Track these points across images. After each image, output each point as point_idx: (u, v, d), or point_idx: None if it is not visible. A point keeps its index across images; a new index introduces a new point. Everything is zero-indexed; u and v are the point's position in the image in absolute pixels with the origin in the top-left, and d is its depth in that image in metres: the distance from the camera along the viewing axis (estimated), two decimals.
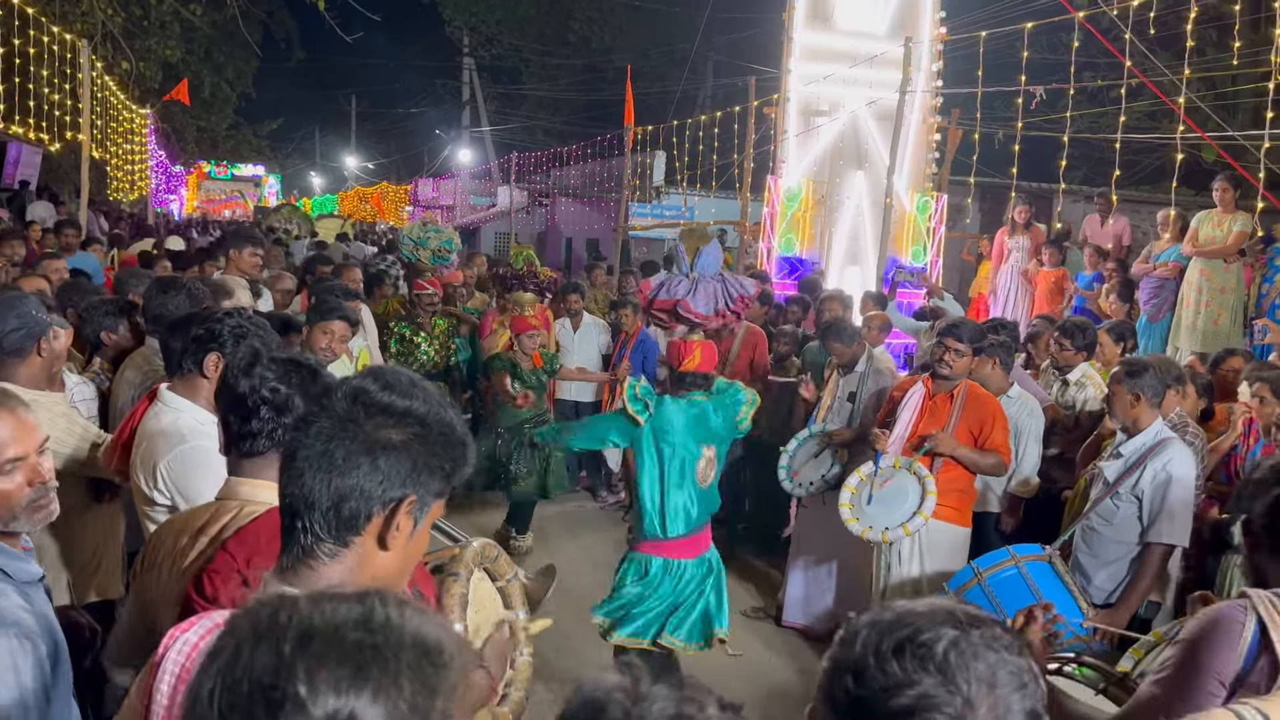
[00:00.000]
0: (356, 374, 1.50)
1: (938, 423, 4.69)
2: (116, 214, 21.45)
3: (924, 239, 9.94)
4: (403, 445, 1.42)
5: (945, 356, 4.69)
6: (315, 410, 1.44)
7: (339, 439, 1.39)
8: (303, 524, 1.41)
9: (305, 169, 50.79)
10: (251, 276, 6.00)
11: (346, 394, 1.43)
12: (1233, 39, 8.16)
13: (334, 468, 1.38)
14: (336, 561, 1.41)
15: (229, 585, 1.85)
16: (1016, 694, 1.11)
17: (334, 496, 1.39)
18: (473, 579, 2.22)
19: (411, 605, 1.02)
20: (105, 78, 14.18)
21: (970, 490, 4.76)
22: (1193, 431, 4.59)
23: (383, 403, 1.42)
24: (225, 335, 2.75)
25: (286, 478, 1.42)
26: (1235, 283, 7.82)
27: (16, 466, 1.89)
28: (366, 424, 1.40)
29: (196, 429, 2.69)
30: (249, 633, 0.96)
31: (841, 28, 9.70)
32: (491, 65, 36.08)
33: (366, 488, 1.39)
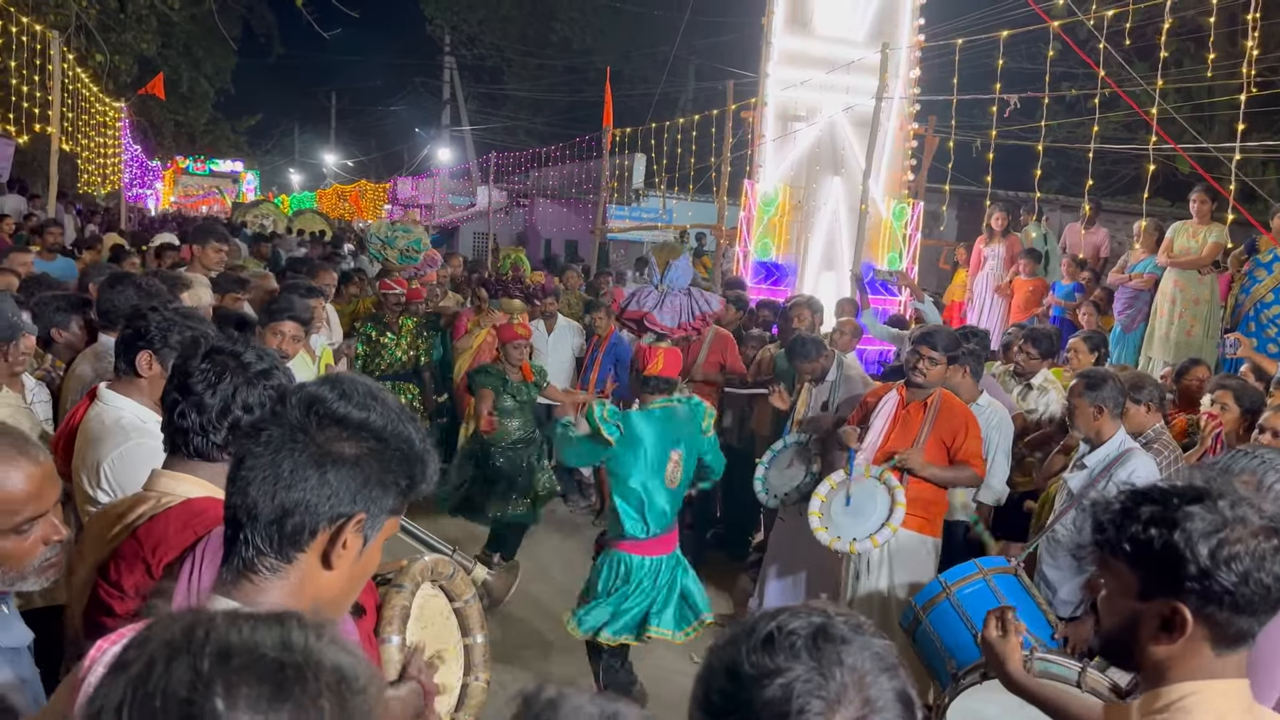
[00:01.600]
0: (314, 380, 1.43)
1: (910, 432, 4.66)
2: (91, 208, 21.20)
3: (900, 245, 9.94)
4: (355, 459, 1.35)
5: (919, 364, 4.66)
6: (266, 418, 1.37)
7: (287, 450, 1.33)
8: (244, 536, 1.35)
9: (284, 166, 50.48)
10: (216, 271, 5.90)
11: (301, 402, 1.36)
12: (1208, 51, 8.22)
13: (279, 480, 1.32)
14: (278, 577, 1.36)
15: (134, 573, 1.83)
16: (885, 675, 1.11)
17: (277, 510, 1.33)
18: (421, 594, 2.16)
19: (328, 632, 0.98)
20: (77, 70, 13.99)
21: (940, 500, 4.73)
22: (1164, 443, 4.57)
23: (338, 413, 1.36)
24: (152, 332, 2.70)
25: (232, 487, 1.36)
26: (1209, 294, 7.85)
27: (35, 525, 1.72)
28: (319, 435, 1.34)
29: (139, 426, 2.64)
30: (163, 646, 0.92)
31: (820, 33, 9.69)
32: (473, 65, 35.97)
33: (312, 502, 1.33)
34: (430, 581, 2.27)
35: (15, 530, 1.68)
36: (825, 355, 5.79)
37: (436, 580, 2.30)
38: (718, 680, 1.14)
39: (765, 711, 1.08)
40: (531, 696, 1.06)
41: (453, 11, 33.69)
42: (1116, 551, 1.57)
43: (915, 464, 4.54)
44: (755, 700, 1.09)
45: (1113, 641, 1.64)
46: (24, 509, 1.69)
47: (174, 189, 40.84)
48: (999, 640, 2.28)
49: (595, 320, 7.77)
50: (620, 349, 7.72)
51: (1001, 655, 2.26)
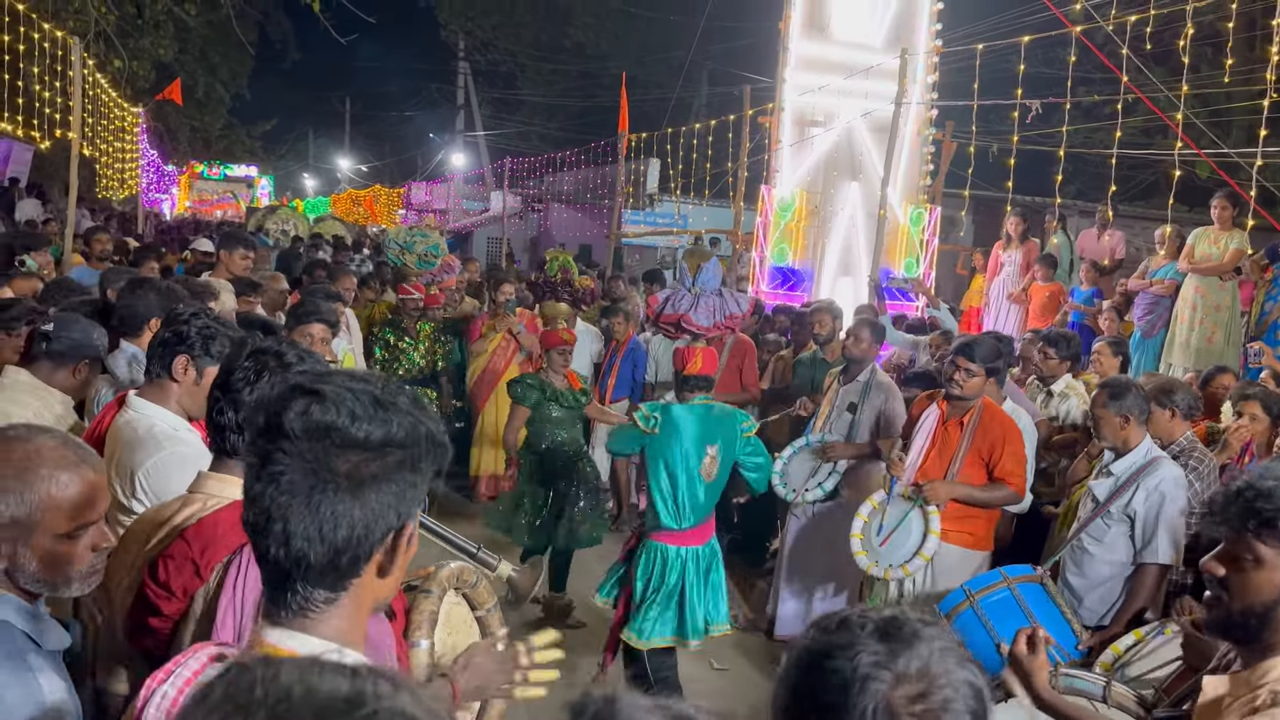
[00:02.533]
0: (309, 399, 1.28)
1: (948, 451, 4.57)
2: (108, 212, 21.34)
3: (917, 251, 9.92)
4: (388, 476, 1.29)
5: (956, 376, 4.53)
6: (276, 455, 1.24)
7: (319, 492, 1.24)
8: (296, 586, 1.28)
9: (298, 171, 50.65)
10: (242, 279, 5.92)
11: (311, 432, 1.24)
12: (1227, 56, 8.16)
13: (323, 525, 1.24)
14: (337, 606, 1.31)
15: (182, 574, 1.84)
16: (954, 662, 1.18)
17: (329, 553, 1.26)
18: (446, 601, 2.17)
19: (403, 684, 0.93)
20: (97, 76, 14.09)
21: (988, 515, 4.60)
22: (1199, 455, 4.51)
23: (356, 438, 1.25)
24: (193, 337, 2.68)
25: (265, 538, 1.26)
26: (1230, 300, 7.80)
27: (86, 531, 1.74)
28: (343, 464, 1.25)
29: (171, 435, 2.64)
30: (228, 706, 0.88)
31: (838, 38, 9.68)
32: (487, 70, 36.06)
33: (361, 534, 1.27)
34: (454, 589, 2.28)
35: (69, 535, 1.70)
36: (875, 347, 5.74)
37: (460, 588, 2.31)
38: (795, 671, 1.21)
39: (832, 679, 1.16)
40: (580, 705, 0.99)
41: (467, 17, 33.80)
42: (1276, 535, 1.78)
43: (937, 497, 4.41)
44: (824, 673, 1.17)
45: (1252, 614, 1.80)
46: (80, 515, 1.71)
47: (189, 194, 41.03)
48: (1026, 657, 2.28)
49: (613, 325, 7.76)
50: (638, 353, 7.71)
51: (1029, 671, 2.27)
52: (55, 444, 1.71)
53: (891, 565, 4.35)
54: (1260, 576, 1.79)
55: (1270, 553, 1.79)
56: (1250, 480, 1.86)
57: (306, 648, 1.25)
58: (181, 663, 1.32)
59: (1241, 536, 1.81)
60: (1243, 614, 1.81)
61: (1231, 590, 1.82)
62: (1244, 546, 1.81)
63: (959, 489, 4.47)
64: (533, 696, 2.11)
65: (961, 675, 1.16)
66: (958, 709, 1.15)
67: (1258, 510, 1.79)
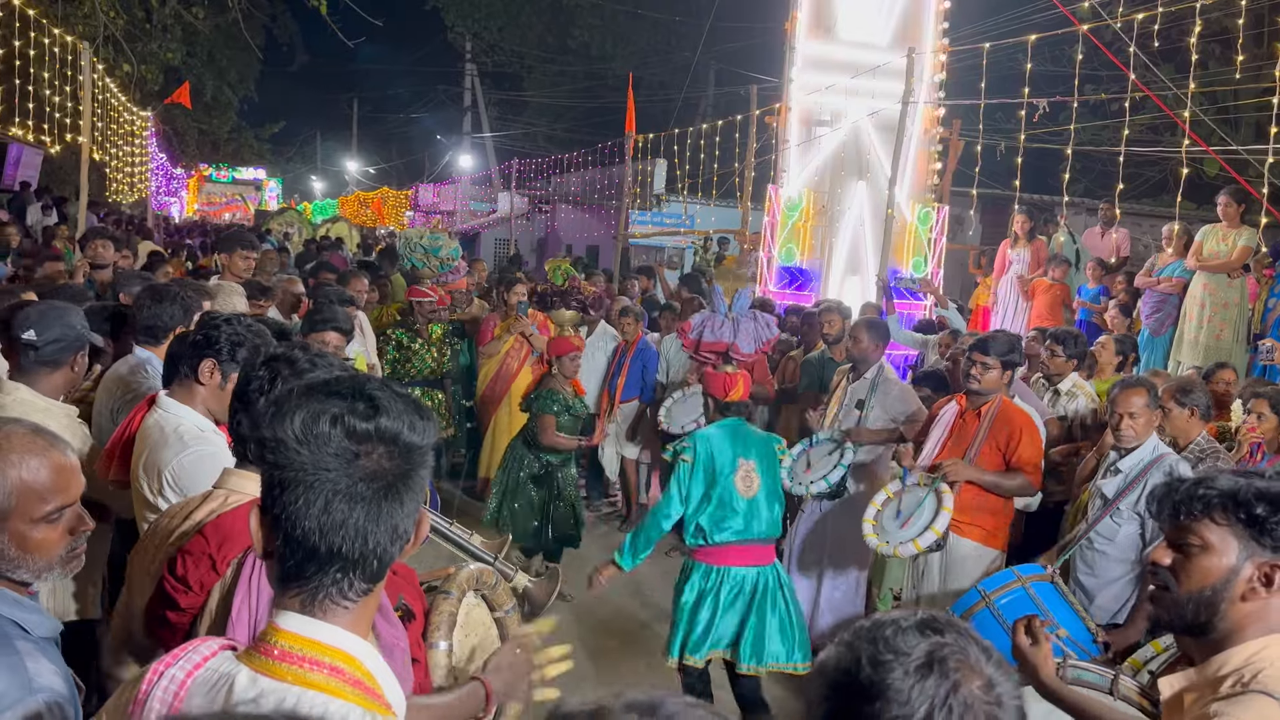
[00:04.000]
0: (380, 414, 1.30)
1: (964, 441, 4.59)
2: (117, 216, 21.43)
3: (925, 250, 9.91)
4: (423, 475, 1.34)
5: (973, 370, 4.58)
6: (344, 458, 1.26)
7: (389, 494, 1.28)
8: (333, 578, 1.29)
9: (306, 173, 50.79)
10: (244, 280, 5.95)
11: (380, 438, 1.28)
12: (1235, 53, 8.14)
13: (396, 523, 1.30)
14: (369, 597, 1.34)
15: (199, 568, 1.88)
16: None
17: (390, 548, 1.31)
18: (465, 603, 2.19)
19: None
20: (106, 80, 14.16)
21: (1003, 510, 4.59)
22: (1223, 457, 4.48)
23: (414, 443, 1.31)
24: (222, 342, 2.74)
25: (299, 530, 1.26)
26: (1239, 297, 7.78)
27: (62, 515, 1.79)
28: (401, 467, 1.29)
29: (197, 435, 2.70)
30: None
31: (844, 38, 9.68)
32: (493, 71, 36.14)
33: (399, 528, 1.32)
34: (474, 591, 2.30)
35: (46, 519, 1.76)
36: (880, 349, 5.76)
37: (480, 590, 2.33)
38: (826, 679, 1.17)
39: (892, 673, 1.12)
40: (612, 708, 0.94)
41: (473, 19, 33.85)
42: (1224, 518, 1.78)
43: (955, 474, 4.44)
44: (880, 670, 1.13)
45: (1201, 602, 1.79)
46: (53, 498, 1.76)
47: (198, 197, 41.19)
48: (1030, 649, 2.28)
49: (623, 326, 7.78)
50: (648, 354, 7.73)
51: (1034, 663, 2.27)
52: (24, 431, 1.77)
53: (902, 543, 4.33)
54: (1206, 561, 1.79)
55: (1215, 536, 1.79)
56: (1189, 473, 1.90)
57: (330, 636, 1.28)
58: (192, 647, 1.33)
59: (1186, 522, 1.82)
60: (1190, 601, 1.80)
61: (1178, 577, 1.82)
62: (1188, 532, 1.81)
63: (977, 471, 4.48)
64: (549, 697, 2.13)
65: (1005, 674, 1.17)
66: (1014, 703, 1.15)
67: (1201, 494, 1.80)
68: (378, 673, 1.32)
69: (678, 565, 6.76)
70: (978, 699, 1.11)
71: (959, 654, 1.13)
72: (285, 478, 1.26)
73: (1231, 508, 1.77)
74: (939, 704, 1.09)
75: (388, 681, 1.34)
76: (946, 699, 1.09)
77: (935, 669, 1.11)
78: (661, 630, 5.73)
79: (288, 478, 1.26)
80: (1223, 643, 1.78)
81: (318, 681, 1.25)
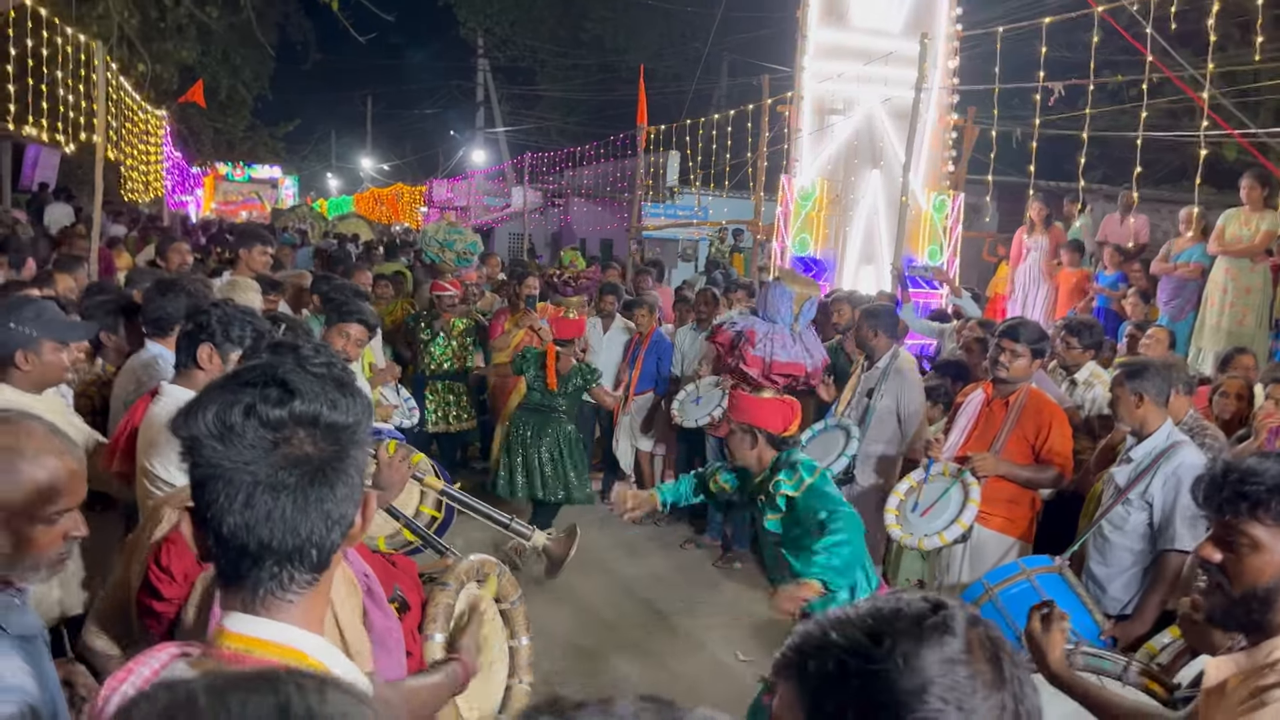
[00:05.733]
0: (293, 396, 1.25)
1: (991, 431, 4.54)
2: (134, 215, 21.55)
3: (940, 238, 9.83)
4: (361, 451, 1.29)
5: (1002, 358, 4.50)
6: (260, 446, 1.21)
7: (317, 479, 1.22)
8: (278, 572, 1.24)
9: (321, 170, 50.96)
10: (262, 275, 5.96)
11: (296, 421, 1.23)
12: (1255, 35, 8.01)
13: (328, 510, 1.23)
14: (314, 588, 1.28)
15: (184, 559, 1.89)
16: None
17: (327, 536, 1.25)
18: (466, 593, 2.17)
19: (332, 685, 0.89)
20: (120, 79, 14.22)
21: (1021, 499, 4.53)
22: (1210, 434, 4.46)
23: (339, 422, 1.25)
24: (214, 326, 2.77)
25: (257, 529, 1.21)
26: (1261, 282, 7.68)
27: (62, 517, 1.78)
28: (328, 449, 1.23)
29: None
30: None
31: (856, 25, 9.60)
32: (506, 66, 36.09)
33: (351, 510, 1.28)
34: (476, 581, 2.28)
35: (47, 519, 1.74)
36: (891, 337, 5.71)
37: (482, 579, 2.31)
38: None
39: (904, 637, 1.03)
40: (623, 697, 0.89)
41: (485, 14, 33.85)
42: (1273, 517, 1.72)
43: (985, 469, 4.37)
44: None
45: (1254, 599, 1.74)
46: (59, 500, 1.75)
47: (214, 195, 41.36)
48: (1040, 634, 2.25)
49: (637, 317, 7.76)
50: (662, 346, 7.71)
51: (1043, 649, 2.24)
52: (42, 429, 1.77)
53: (926, 534, 4.25)
54: (1259, 560, 1.72)
55: (1266, 534, 1.72)
56: (1232, 461, 1.80)
57: (278, 634, 1.24)
58: (143, 661, 1.29)
59: (1234, 520, 1.75)
60: (1243, 600, 1.74)
61: (1230, 576, 1.76)
62: (1237, 531, 1.75)
63: (1006, 465, 4.42)
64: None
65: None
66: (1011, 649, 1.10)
67: (1246, 492, 1.73)
68: (335, 668, 1.27)
69: (677, 565, 6.79)
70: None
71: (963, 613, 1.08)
72: (205, 475, 1.21)
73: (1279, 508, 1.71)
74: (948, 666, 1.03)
75: (348, 677, 1.30)
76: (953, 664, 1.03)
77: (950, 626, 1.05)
78: (660, 631, 5.71)
79: (207, 475, 1.21)
80: (1276, 631, 1.73)
81: None
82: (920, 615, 1.05)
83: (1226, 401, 5.10)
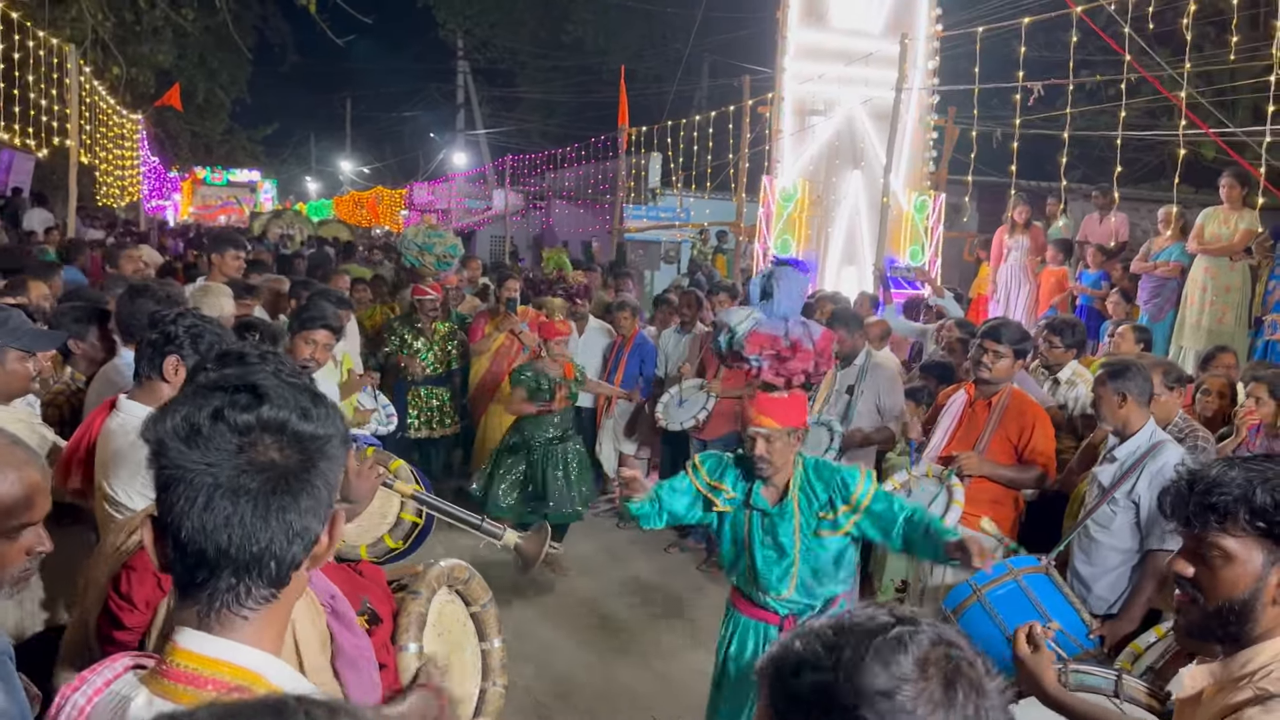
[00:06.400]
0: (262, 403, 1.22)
1: (974, 432, 4.54)
2: (110, 219, 21.33)
3: (922, 238, 9.84)
4: (331, 465, 1.25)
5: (985, 359, 4.51)
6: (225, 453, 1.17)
7: (280, 490, 1.19)
8: (235, 585, 1.20)
9: (300, 174, 50.70)
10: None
11: (263, 428, 1.19)
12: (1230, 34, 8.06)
13: (290, 522, 1.19)
14: (273, 604, 1.24)
15: (144, 586, 1.83)
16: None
17: (287, 550, 1.20)
18: (437, 600, 2.13)
19: (343, 710, 0.87)
20: (94, 83, 14.06)
21: (1004, 500, 4.52)
22: (1203, 436, 4.46)
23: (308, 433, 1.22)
24: (181, 336, 2.68)
25: (213, 540, 1.17)
26: (1241, 281, 7.72)
27: (24, 532, 1.73)
28: (294, 459, 1.20)
29: None
30: None
31: (836, 26, 9.60)
32: (486, 68, 36.00)
33: (315, 525, 1.23)
34: (447, 587, 2.24)
35: (8, 534, 1.70)
36: (860, 335, 5.71)
37: (453, 585, 2.28)
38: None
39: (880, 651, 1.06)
40: None
41: (465, 16, 33.71)
42: (1242, 528, 1.66)
43: (971, 468, 4.38)
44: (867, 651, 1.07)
45: (1230, 613, 1.69)
46: (20, 514, 1.70)
47: (192, 199, 41.06)
48: (1030, 657, 2.20)
49: (619, 320, 7.72)
50: (645, 349, 7.67)
51: (1035, 672, 2.18)
52: (3, 441, 1.73)
53: None
54: (1231, 572, 1.67)
55: (1237, 545, 1.66)
56: (1196, 471, 1.73)
57: (230, 653, 1.20)
58: (97, 671, 1.26)
59: (1203, 533, 1.69)
60: (1219, 613, 1.69)
61: (1204, 589, 1.70)
62: (1207, 544, 1.69)
63: (990, 466, 4.41)
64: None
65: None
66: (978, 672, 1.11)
67: (1214, 504, 1.67)
68: (289, 689, 1.21)
69: (662, 569, 6.76)
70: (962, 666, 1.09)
71: (929, 631, 1.10)
72: (168, 478, 1.18)
73: (1248, 518, 1.65)
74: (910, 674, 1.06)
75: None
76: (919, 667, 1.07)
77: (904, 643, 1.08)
78: (646, 635, 5.68)
79: (171, 478, 1.18)
80: (1251, 640, 1.68)
81: None
82: (876, 630, 1.08)
83: (1209, 400, 5.12)
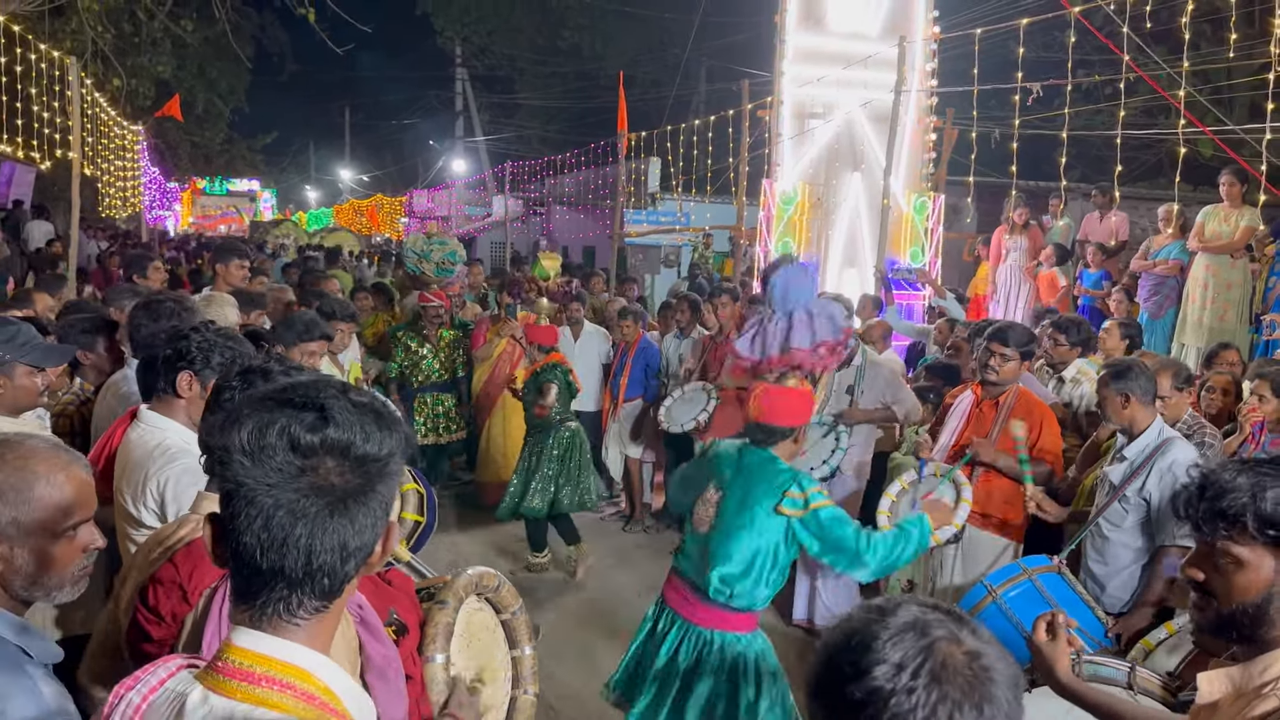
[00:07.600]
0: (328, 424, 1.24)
1: (982, 431, 4.57)
2: (112, 231, 21.36)
3: (922, 240, 9.86)
4: (386, 483, 1.28)
5: (991, 361, 4.55)
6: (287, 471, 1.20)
7: (339, 507, 1.21)
8: (290, 595, 1.23)
9: (300, 183, 50.74)
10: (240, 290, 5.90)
11: (326, 448, 1.22)
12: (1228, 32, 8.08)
13: (346, 538, 1.22)
14: (327, 613, 1.28)
15: (170, 598, 1.85)
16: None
17: (341, 564, 1.23)
18: (466, 609, 2.13)
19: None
20: (95, 95, 14.10)
21: (1015, 499, 4.51)
22: (1210, 433, 4.47)
23: (369, 453, 1.24)
24: (194, 352, 2.70)
25: (273, 553, 1.20)
26: (1241, 278, 7.73)
27: (79, 530, 1.78)
28: (355, 479, 1.23)
29: (185, 448, 2.66)
30: None
31: (834, 29, 9.62)
32: (484, 75, 36.05)
33: (370, 540, 1.26)
34: (476, 595, 2.24)
35: (63, 535, 1.76)
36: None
37: (483, 593, 2.27)
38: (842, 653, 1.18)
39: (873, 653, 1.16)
40: None
41: (463, 23, 33.75)
42: (1251, 535, 1.67)
43: (986, 454, 4.42)
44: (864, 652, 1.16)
45: (1244, 615, 1.70)
46: (74, 514, 1.77)
47: (192, 209, 41.10)
48: (1048, 644, 2.22)
49: (623, 328, 7.74)
50: (650, 353, 7.70)
51: (1050, 660, 2.20)
52: (47, 446, 1.80)
53: None
54: (1244, 578, 1.68)
55: (1247, 551, 1.67)
56: (1207, 475, 1.74)
57: (282, 651, 1.24)
58: (151, 670, 1.29)
59: (1214, 540, 1.71)
60: (1232, 616, 1.71)
61: (1217, 594, 1.72)
62: (1219, 550, 1.70)
63: (1004, 457, 4.43)
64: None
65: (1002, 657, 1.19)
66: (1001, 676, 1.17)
67: (1223, 510, 1.68)
68: (338, 688, 1.27)
69: None
70: (958, 660, 1.14)
71: (942, 623, 1.18)
72: (230, 490, 1.21)
73: (1256, 526, 1.66)
74: (912, 657, 1.14)
75: (351, 697, 1.29)
76: (922, 653, 1.14)
77: (916, 629, 1.16)
78: None
79: (232, 490, 1.21)
80: (1271, 643, 1.69)
81: (268, 698, 1.20)
82: (904, 625, 1.17)
83: (1214, 397, 5.13)
